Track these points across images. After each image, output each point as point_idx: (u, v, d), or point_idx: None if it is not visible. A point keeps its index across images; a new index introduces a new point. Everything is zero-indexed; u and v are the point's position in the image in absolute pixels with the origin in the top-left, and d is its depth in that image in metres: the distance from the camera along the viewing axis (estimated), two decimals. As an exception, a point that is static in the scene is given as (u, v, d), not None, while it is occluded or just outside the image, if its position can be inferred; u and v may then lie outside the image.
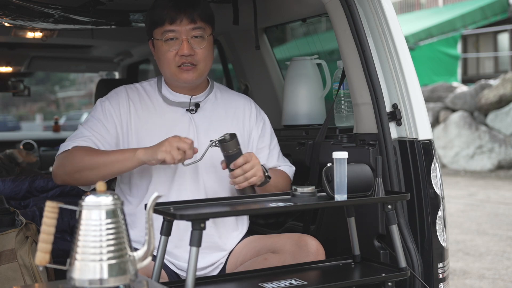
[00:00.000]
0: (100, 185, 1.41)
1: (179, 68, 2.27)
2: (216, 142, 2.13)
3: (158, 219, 1.88)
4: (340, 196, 1.92)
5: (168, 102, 2.34)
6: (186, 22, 2.25)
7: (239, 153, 2.14)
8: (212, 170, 2.29)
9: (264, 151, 2.44)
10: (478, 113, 11.52)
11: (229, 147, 2.13)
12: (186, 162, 2.12)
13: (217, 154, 2.23)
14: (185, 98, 2.35)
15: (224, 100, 2.44)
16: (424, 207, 2.23)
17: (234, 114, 2.41)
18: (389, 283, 2.03)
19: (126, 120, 2.28)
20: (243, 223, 2.43)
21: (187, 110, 2.34)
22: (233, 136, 2.13)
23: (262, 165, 2.23)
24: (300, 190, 1.97)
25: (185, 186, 2.26)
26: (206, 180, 2.29)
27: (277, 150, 2.49)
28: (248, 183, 2.15)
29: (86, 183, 2.20)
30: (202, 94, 2.39)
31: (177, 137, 2.09)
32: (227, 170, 2.34)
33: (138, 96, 2.34)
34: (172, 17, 2.24)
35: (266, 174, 2.22)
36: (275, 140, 2.51)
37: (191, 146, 2.08)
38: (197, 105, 2.35)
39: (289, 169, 2.49)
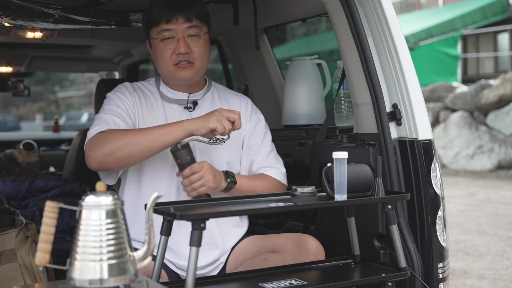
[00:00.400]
0: (100, 185, 1.41)
1: (176, 66, 2.30)
2: (179, 146, 2.14)
3: (158, 219, 1.88)
4: (340, 196, 1.92)
5: (167, 100, 2.36)
6: (182, 21, 2.27)
7: (189, 162, 2.15)
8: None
9: (254, 149, 2.43)
10: (478, 113, 11.52)
11: (178, 156, 2.14)
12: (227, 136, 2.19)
13: (217, 154, 2.24)
14: (183, 95, 2.37)
15: (221, 98, 2.46)
16: (424, 207, 2.23)
17: (231, 111, 2.42)
18: (389, 283, 2.03)
19: (136, 110, 2.31)
20: (243, 222, 2.44)
21: (185, 107, 2.35)
22: (185, 146, 2.14)
23: (225, 171, 2.26)
24: (300, 190, 1.97)
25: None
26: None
27: (267, 149, 2.46)
28: (197, 193, 2.17)
29: (128, 160, 2.14)
30: (200, 92, 2.41)
31: (225, 109, 2.14)
32: (227, 169, 2.35)
33: (142, 91, 2.37)
34: (168, 16, 2.27)
35: (229, 180, 2.24)
36: (268, 139, 2.49)
37: (240, 117, 2.14)
38: (195, 103, 2.37)
39: (277, 172, 2.44)
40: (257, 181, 2.37)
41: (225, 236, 2.34)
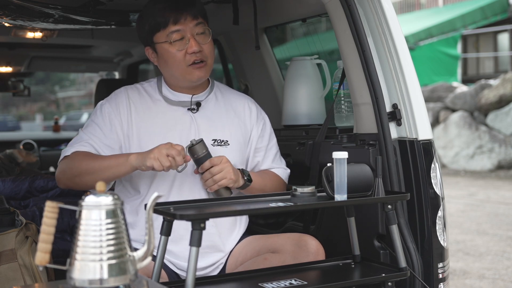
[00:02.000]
0: (100, 185, 1.41)
1: (191, 66, 2.27)
2: (189, 147, 2.17)
3: (158, 219, 1.88)
4: (340, 196, 1.92)
5: (169, 102, 2.34)
6: (190, 19, 2.27)
7: (206, 156, 2.17)
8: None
9: (261, 151, 2.44)
10: (478, 113, 11.52)
11: (195, 151, 2.17)
12: (180, 168, 2.15)
13: (216, 155, 2.24)
14: (186, 97, 2.35)
15: (225, 99, 2.44)
16: (424, 207, 2.23)
17: (235, 113, 2.42)
18: (389, 283, 2.03)
19: (126, 121, 2.28)
20: (243, 222, 2.44)
21: (188, 109, 2.34)
22: (199, 140, 2.18)
23: (241, 169, 2.27)
24: (300, 190, 1.97)
25: (186, 186, 2.26)
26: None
27: (273, 151, 2.48)
28: (218, 186, 2.19)
29: (86, 187, 2.23)
30: (203, 93, 2.39)
31: (168, 143, 2.11)
32: None
33: (139, 96, 2.34)
34: (175, 17, 2.25)
35: (246, 178, 2.25)
36: (274, 141, 2.50)
37: (180, 153, 2.08)
38: (198, 104, 2.35)
39: (283, 172, 2.49)
40: (267, 180, 2.39)
41: (225, 239, 2.33)
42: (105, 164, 2.16)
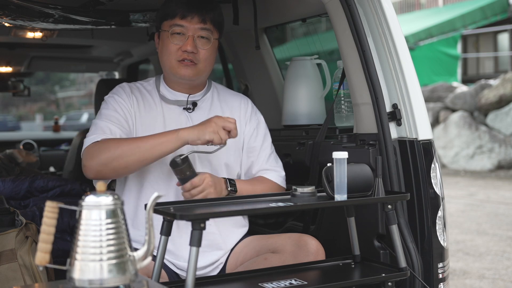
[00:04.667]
0: (100, 185, 1.41)
1: (179, 62, 2.30)
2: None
3: (158, 219, 1.88)
4: (340, 196, 1.92)
5: (166, 101, 2.35)
6: (197, 20, 2.29)
7: (191, 176, 2.13)
8: (211, 170, 2.29)
9: (254, 151, 2.43)
10: (478, 113, 11.52)
11: (178, 172, 2.12)
12: (213, 148, 2.15)
13: (216, 155, 2.24)
14: (182, 96, 2.37)
15: (221, 99, 2.45)
16: (424, 207, 2.23)
17: (231, 112, 2.42)
18: (389, 283, 2.03)
19: (133, 112, 2.30)
20: (243, 222, 2.44)
21: (184, 108, 2.35)
22: (184, 160, 2.11)
23: (227, 179, 2.26)
24: (300, 190, 1.97)
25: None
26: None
27: (267, 152, 2.46)
28: None
29: (123, 170, 2.15)
30: (200, 93, 2.41)
31: (221, 117, 2.12)
32: (226, 170, 2.35)
33: (140, 92, 2.37)
34: (184, 12, 2.28)
35: (230, 189, 2.24)
36: (268, 142, 2.49)
37: (236, 126, 2.12)
38: (194, 104, 2.37)
39: (276, 176, 2.44)
40: (257, 186, 2.37)
41: (225, 237, 2.34)
42: (150, 142, 2.11)
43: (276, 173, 2.44)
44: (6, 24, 2.79)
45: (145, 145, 2.10)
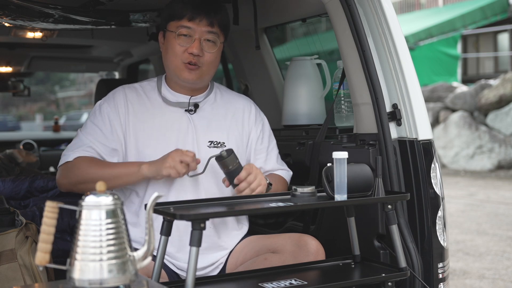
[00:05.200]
0: (100, 185, 1.41)
1: (184, 65, 2.29)
2: (216, 157, 2.14)
3: (158, 219, 1.88)
4: (340, 196, 1.92)
5: (167, 102, 2.34)
6: (205, 23, 2.28)
7: (239, 167, 2.14)
8: (210, 170, 2.29)
9: (262, 153, 2.44)
10: (478, 113, 11.52)
11: (228, 163, 2.13)
12: (190, 173, 2.16)
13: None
14: (184, 98, 2.36)
15: (223, 101, 2.44)
16: (424, 207, 2.23)
17: (234, 114, 2.42)
18: (389, 283, 2.03)
19: (124, 120, 2.28)
20: (243, 222, 2.44)
21: (186, 110, 2.34)
22: (230, 151, 2.13)
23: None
24: (300, 190, 1.97)
25: (184, 187, 2.26)
26: (205, 180, 2.29)
27: (275, 152, 2.48)
28: (253, 193, 2.15)
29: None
30: (201, 95, 2.40)
31: (179, 151, 2.12)
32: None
33: (137, 96, 2.34)
34: (192, 15, 2.27)
35: (268, 181, 2.23)
36: (274, 142, 2.50)
37: (194, 159, 2.11)
38: (196, 106, 2.35)
39: (287, 173, 2.49)
40: (278, 184, 2.39)
41: (225, 238, 2.34)
42: (114, 173, 2.16)
43: (287, 172, 2.49)
44: (6, 24, 2.79)
45: (108, 175, 2.14)
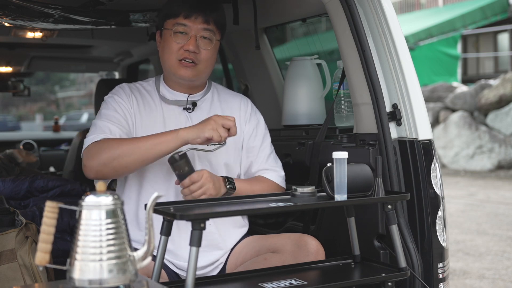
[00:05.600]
0: (100, 185, 1.41)
1: (180, 62, 2.30)
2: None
3: (158, 219, 1.88)
4: (340, 196, 1.92)
5: (166, 101, 2.36)
6: (200, 20, 2.29)
7: (189, 172, 2.12)
8: (210, 170, 2.29)
9: (253, 151, 2.43)
10: (478, 113, 11.52)
11: (176, 168, 2.11)
12: (212, 147, 2.15)
13: (216, 155, 2.24)
14: (182, 96, 2.37)
15: (221, 100, 2.45)
16: (424, 207, 2.23)
17: (231, 112, 2.42)
18: (389, 283, 2.03)
19: (133, 112, 2.30)
20: (243, 222, 2.44)
21: (184, 108, 2.35)
22: (182, 156, 2.10)
23: (225, 177, 2.25)
24: (300, 190, 1.97)
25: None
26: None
27: (266, 152, 2.46)
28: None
29: (123, 170, 2.15)
30: (199, 93, 2.41)
31: (220, 115, 2.13)
32: (225, 170, 2.35)
33: (139, 93, 2.37)
34: (188, 12, 2.29)
35: (228, 186, 2.23)
36: (268, 142, 2.49)
37: (235, 123, 2.12)
38: (194, 104, 2.37)
39: (275, 175, 2.44)
40: (256, 185, 2.36)
41: (225, 237, 2.34)
42: (150, 142, 2.11)
43: (275, 173, 2.44)
44: (6, 24, 2.79)
45: (144, 145, 2.10)
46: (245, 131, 2.43)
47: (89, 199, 1.38)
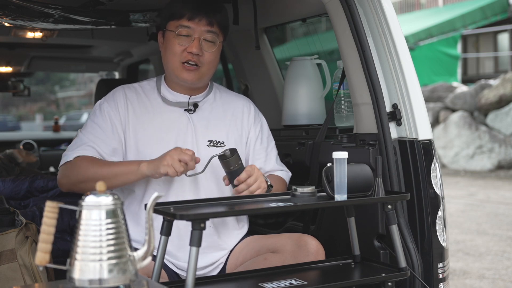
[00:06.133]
0: (100, 185, 1.41)
1: (183, 64, 2.29)
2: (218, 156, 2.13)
3: (158, 219, 1.88)
4: (340, 196, 1.92)
5: (167, 102, 2.35)
6: (204, 23, 2.28)
7: (241, 167, 2.13)
8: (210, 169, 2.29)
9: (261, 153, 2.44)
10: (478, 113, 11.52)
11: (231, 163, 2.12)
12: (189, 173, 2.13)
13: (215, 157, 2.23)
14: (183, 98, 2.36)
15: (223, 101, 2.44)
16: (424, 207, 2.23)
17: (233, 114, 2.42)
18: (389, 283, 2.03)
19: (125, 120, 2.29)
20: (243, 222, 2.44)
21: (185, 110, 2.34)
22: (233, 151, 2.12)
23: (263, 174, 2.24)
24: (300, 190, 1.97)
25: (184, 187, 2.26)
26: (205, 180, 2.29)
27: (274, 153, 2.48)
28: (251, 194, 2.14)
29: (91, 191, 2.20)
30: (201, 95, 2.40)
31: (179, 149, 2.10)
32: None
33: (136, 96, 2.35)
34: (192, 14, 2.28)
35: (269, 183, 2.22)
36: (273, 142, 2.50)
37: (193, 158, 2.09)
38: (195, 105, 2.36)
39: (286, 174, 2.48)
40: (278, 185, 2.38)
41: (225, 238, 2.34)
42: (114, 172, 2.15)
43: (286, 173, 2.48)
44: (6, 24, 2.79)
45: (108, 174, 2.14)
46: (251, 135, 2.43)
47: (89, 199, 1.38)
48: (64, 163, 2.21)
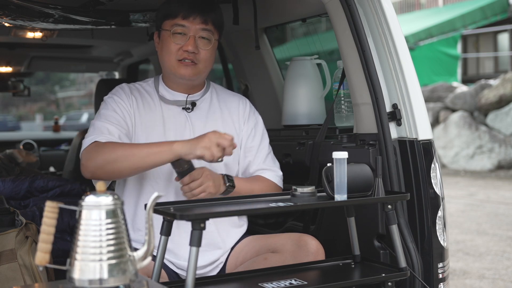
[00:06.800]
0: (100, 185, 1.41)
1: (179, 62, 2.30)
2: None
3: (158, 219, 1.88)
4: (340, 196, 1.92)
5: (165, 101, 2.36)
6: (199, 21, 2.29)
7: (189, 170, 2.11)
8: (208, 167, 2.29)
9: (252, 151, 2.43)
10: (478, 113, 11.52)
11: (176, 165, 2.10)
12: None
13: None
14: (181, 96, 2.38)
15: (220, 99, 2.46)
16: (424, 207, 2.23)
17: (229, 113, 2.43)
18: (389, 283, 2.03)
19: (133, 112, 2.30)
20: (243, 221, 2.44)
21: (183, 108, 2.35)
22: None
23: (224, 175, 2.24)
24: (300, 190, 1.97)
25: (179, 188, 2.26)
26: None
27: (265, 152, 2.46)
28: (197, 199, 2.13)
29: (117, 175, 2.17)
30: (198, 93, 2.42)
31: (217, 132, 2.06)
32: (224, 169, 2.34)
33: (139, 93, 2.37)
34: (186, 13, 2.29)
35: (228, 184, 2.22)
36: (266, 142, 2.49)
37: (231, 143, 2.06)
38: (193, 104, 2.37)
39: (273, 175, 2.44)
40: (255, 184, 2.36)
41: (224, 236, 2.34)
42: (145, 151, 2.09)
43: (273, 173, 2.44)
44: (6, 24, 2.79)
45: (139, 153, 2.10)
46: (244, 131, 2.43)
47: (89, 199, 1.38)
48: (89, 145, 2.16)
